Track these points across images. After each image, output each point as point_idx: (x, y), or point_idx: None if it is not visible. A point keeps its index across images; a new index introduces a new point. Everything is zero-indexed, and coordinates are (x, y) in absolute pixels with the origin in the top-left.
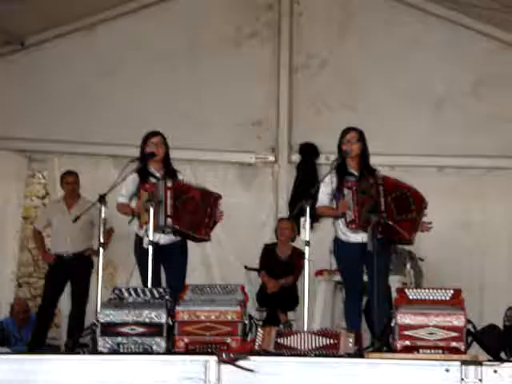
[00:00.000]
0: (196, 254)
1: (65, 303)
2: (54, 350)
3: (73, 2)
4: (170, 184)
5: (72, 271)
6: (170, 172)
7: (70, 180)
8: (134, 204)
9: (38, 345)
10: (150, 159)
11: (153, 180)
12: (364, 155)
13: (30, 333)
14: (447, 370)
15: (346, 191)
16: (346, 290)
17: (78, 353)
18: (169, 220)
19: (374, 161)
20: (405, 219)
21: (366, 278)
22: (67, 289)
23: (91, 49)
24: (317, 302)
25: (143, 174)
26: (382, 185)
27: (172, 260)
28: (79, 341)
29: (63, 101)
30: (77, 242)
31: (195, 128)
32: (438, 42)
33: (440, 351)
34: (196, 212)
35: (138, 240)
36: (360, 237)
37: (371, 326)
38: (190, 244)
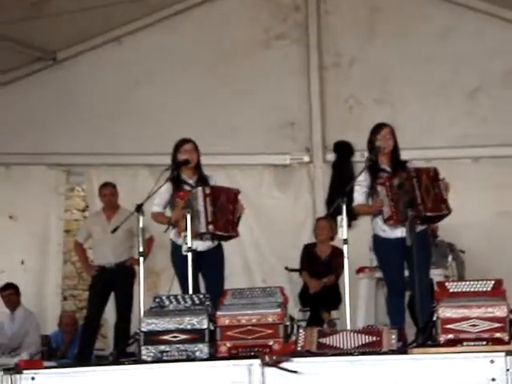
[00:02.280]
0: (236, 259)
1: (110, 314)
2: (102, 360)
3: (100, 15)
4: (208, 191)
5: (115, 282)
6: (202, 178)
7: (107, 192)
8: (168, 213)
9: (86, 356)
10: (184, 166)
11: (186, 187)
12: (396, 150)
13: (78, 345)
14: (492, 362)
15: (379, 188)
16: (387, 287)
17: (123, 363)
18: (211, 227)
19: (409, 155)
20: (434, 200)
21: (407, 273)
22: (112, 299)
23: (121, 60)
24: (359, 299)
25: (176, 181)
26: (416, 177)
27: (210, 266)
28: (126, 350)
29: (97, 113)
30: (118, 253)
31: (228, 132)
32: (467, 33)
33: (484, 343)
34: (225, 212)
35: (176, 247)
36: (399, 232)
37: (416, 321)
38: (230, 249)
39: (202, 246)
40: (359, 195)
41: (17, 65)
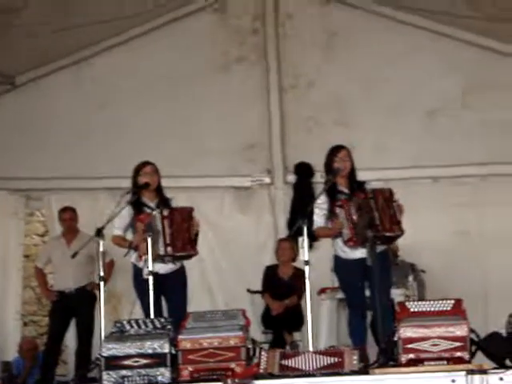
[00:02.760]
0: (198, 281)
1: (71, 339)
2: None
3: (62, 38)
4: (166, 213)
5: (75, 307)
6: (163, 201)
7: (67, 216)
8: (129, 236)
9: (47, 383)
10: (144, 189)
11: (147, 210)
12: (353, 172)
13: (39, 371)
14: (453, 381)
15: (338, 210)
16: (348, 307)
17: None
18: (169, 249)
19: (367, 176)
20: (391, 220)
21: (368, 293)
22: (72, 324)
23: (80, 83)
24: (321, 320)
25: (137, 205)
26: (373, 198)
27: (173, 289)
28: (87, 375)
29: (57, 137)
30: (78, 278)
31: (189, 155)
32: (424, 53)
33: (445, 362)
34: (181, 231)
35: (137, 271)
36: (359, 253)
37: (377, 340)
38: (191, 271)
39: (163, 268)
40: (319, 218)
41: None
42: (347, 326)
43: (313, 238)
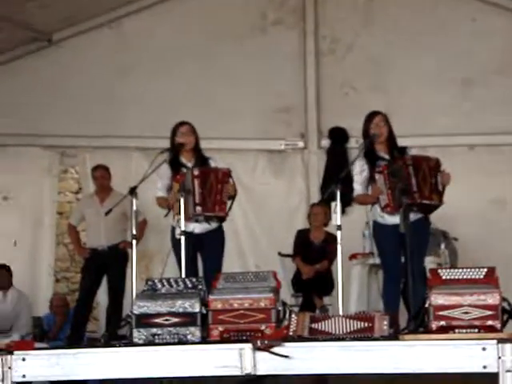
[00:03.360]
0: (229, 243)
1: (102, 296)
2: (93, 342)
3: None
4: (196, 172)
5: (107, 265)
6: (201, 160)
7: (98, 174)
8: None
9: (77, 339)
10: (181, 149)
11: (185, 170)
12: (392, 137)
13: (70, 327)
14: (484, 349)
15: (377, 176)
16: (384, 273)
17: (115, 345)
18: (198, 208)
19: (404, 142)
20: (432, 189)
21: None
22: (104, 282)
23: (117, 43)
24: (352, 285)
25: (175, 164)
26: (412, 165)
27: (208, 248)
28: (117, 333)
29: (92, 96)
30: (111, 236)
31: (223, 117)
32: (463, 21)
33: (476, 330)
34: (213, 192)
35: (173, 231)
36: (396, 219)
37: (408, 308)
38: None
39: (198, 228)
40: (358, 185)
41: (13, 45)
42: (381, 292)
43: (345, 202)
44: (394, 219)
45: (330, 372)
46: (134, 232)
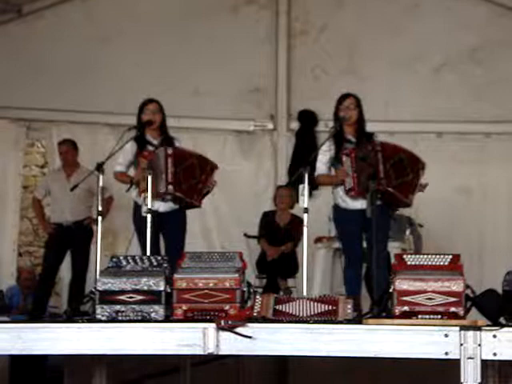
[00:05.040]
0: (195, 223)
1: (65, 272)
2: (55, 318)
3: None
4: (170, 151)
5: (72, 240)
6: (167, 139)
7: (64, 149)
8: (131, 173)
9: (39, 313)
10: (147, 127)
11: (150, 148)
12: (361, 121)
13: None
14: (446, 335)
15: (344, 158)
16: (345, 257)
17: (77, 321)
18: (170, 187)
19: (372, 127)
20: (402, 183)
21: (365, 244)
22: (68, 257)
23: (88, 17)
24: (316, 268)
25: (141, 142)
26: (381, 151)
27: (171, 228)
28: (80, 309)
29: (61, 69)
30: (76, 211)
31: (193, 96)
32: (436, 7)
33: (439, 316)
34: (193, 178)
35: (137, 208)
36: (359, 203)
37: (371, 292)
38: (190, 212)
39: (163, 206)
40: (322, 164)
41: None
42: (342, 276)
43: (313, 186)
44: (356, 203)
45: (293, 354)
46: (100, 208)
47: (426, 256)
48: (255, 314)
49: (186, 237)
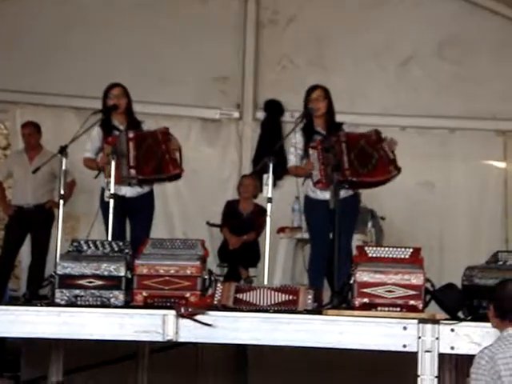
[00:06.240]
0: (158, 208)
1: (25, 255)
2: (14, 301)
3: None
4: (131, 135)
5: (32, 223)
6: (133, 123)
7: (27, 131)
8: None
9: None
10: (113, 112)
11: (116, 133)
12: (330, 113)
13: None
14: (405, 328)
15: (311, 151)
16: (311, 247)
17: (36, 304)
18: (132, 171)
19: (338, 119)
20: (373, 167)
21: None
22: (27, 241)
23: (56, 0)
24: (278, 258)
25: (106, 126)
26: (345, 142)
27: (137, 213)
28: (39, 292)
29: (27, 51)
30: (38, 194)
31: (159, 82)
32: (405, 1)
33: (398, 309)
34: (154, 154)
35: (102, 193)
36: (328, 195)
37: (332, 284)
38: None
39: (130, 191)
40: (293, 157)
41: None
42: (306, 266)
43: (277, 176)
44: (325, 195)
45: (252, 343)
46: (62, 192)
47: (387, 248)
48: (215, 302)
49: None
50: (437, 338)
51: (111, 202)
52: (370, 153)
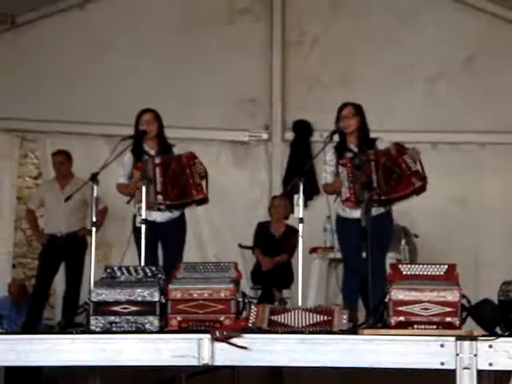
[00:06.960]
0: (189, 232)
1: (59, 284)
2: (49, 329)
3: None
4: (158, 161)
5: (66, 251)
6: (164, 148)
7: (58, 160)
8: None
9: (33, 325)
10: (143, 137)
11: (146, 158)
12: (363, 129)
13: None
14: (442, 346)
15: (340, 169)
16: (344, 267)
17: (71, 332)
18: (159, 197)
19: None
20: (395, 183)
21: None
22: (61, 269)
23: (82, 27)
24: (311, 279)
25: (137, 152)
26: (374, 160)
27: (169, 238)
28: (74, 320)
29: (55, 79)
30: (70, 222)
31: (187, 106)
32: (432, 16)
33: (434, 327)
34: (179, 179)
35: (134, 219)
36: (358, 213)
37: (366, 303)
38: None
39: (161, 216)
40: (326, 174)
41: None
42: (340, 286)
43: (307, 196)
44: (356, 213)
45: (288, 365)
46: (94, 219)
47: (421, 266)
48: (250, 325)
49: None
50: (475, 355)
51: (143, 227)
52: (391, 168)
